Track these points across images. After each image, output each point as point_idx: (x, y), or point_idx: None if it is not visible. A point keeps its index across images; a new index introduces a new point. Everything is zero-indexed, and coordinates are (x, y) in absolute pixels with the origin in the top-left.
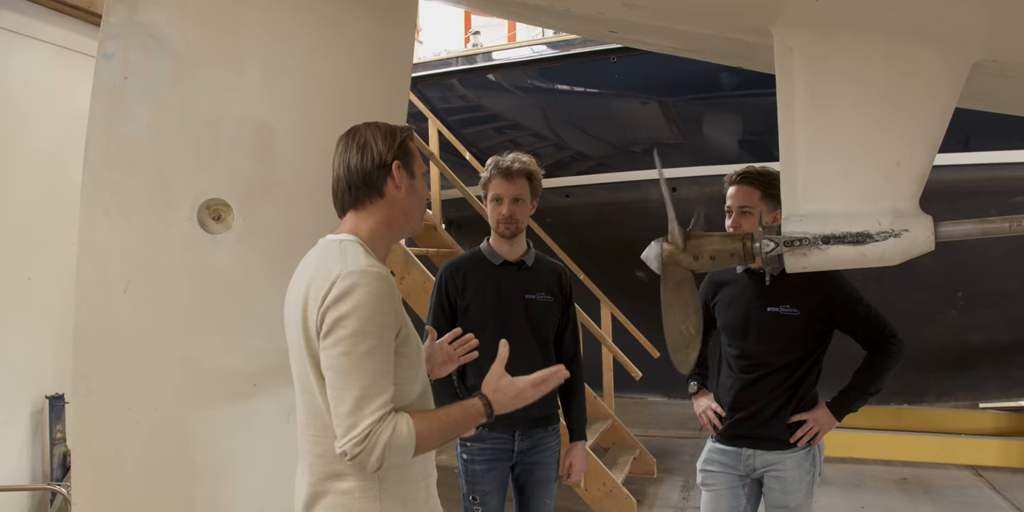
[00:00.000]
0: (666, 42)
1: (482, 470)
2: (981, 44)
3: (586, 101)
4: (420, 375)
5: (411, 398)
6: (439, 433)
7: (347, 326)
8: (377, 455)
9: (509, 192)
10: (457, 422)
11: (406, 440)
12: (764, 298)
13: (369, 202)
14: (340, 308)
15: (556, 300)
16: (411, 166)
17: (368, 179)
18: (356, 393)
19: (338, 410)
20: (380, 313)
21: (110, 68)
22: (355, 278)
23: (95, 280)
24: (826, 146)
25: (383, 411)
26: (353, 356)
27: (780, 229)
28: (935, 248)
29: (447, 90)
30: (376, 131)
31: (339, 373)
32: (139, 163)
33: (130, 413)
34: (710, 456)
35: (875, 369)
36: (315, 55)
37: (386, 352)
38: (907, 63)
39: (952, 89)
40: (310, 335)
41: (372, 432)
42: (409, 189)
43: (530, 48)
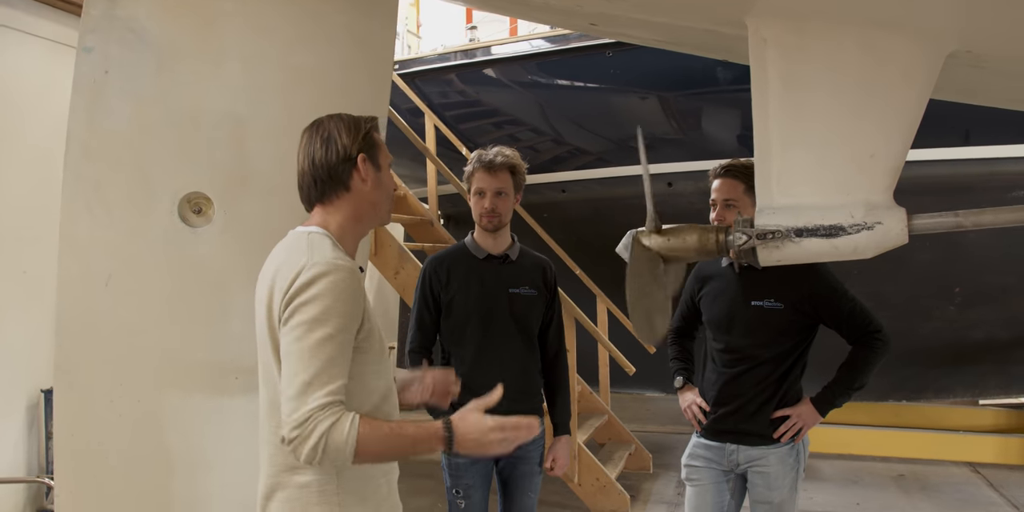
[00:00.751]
0: (646, 34)
1: (465, 464)
2: (955, 34)
3: (582, 96)
4: (384, 372)
5: (375, 396)
6: (384, 443)
7: (306, 312)
8: (312, 444)
9: (492, 185)
10: (409, 438)
11: (345, 436)
12: (748, 292)
13: (336, 196)
14: (302, 296)
15: (540, 294)
16: (377, 158)
17: (333, 173)
18: (304, 377)
19: (285, 394)
20: (341, 303)
21: (90, 62)
22: (320, 268)
23: (77, 274)
24: (800, 138)
25: (329, 399)
26: (307, 341)
27: (753, 222)
28: (931, 243)
29: (444, 85)
30: (340, 123)
31: (291, 357)
32: (120, 157)
33: (112, 406)
34: (694, 451)
35: (859, 364)
36: (295, 48)
37: (343, 343)
38: (880, 54)
39: (926, 80)
40: (273, 324)
41: (311, 418)
42: (376, 181)
43: (528, 43)
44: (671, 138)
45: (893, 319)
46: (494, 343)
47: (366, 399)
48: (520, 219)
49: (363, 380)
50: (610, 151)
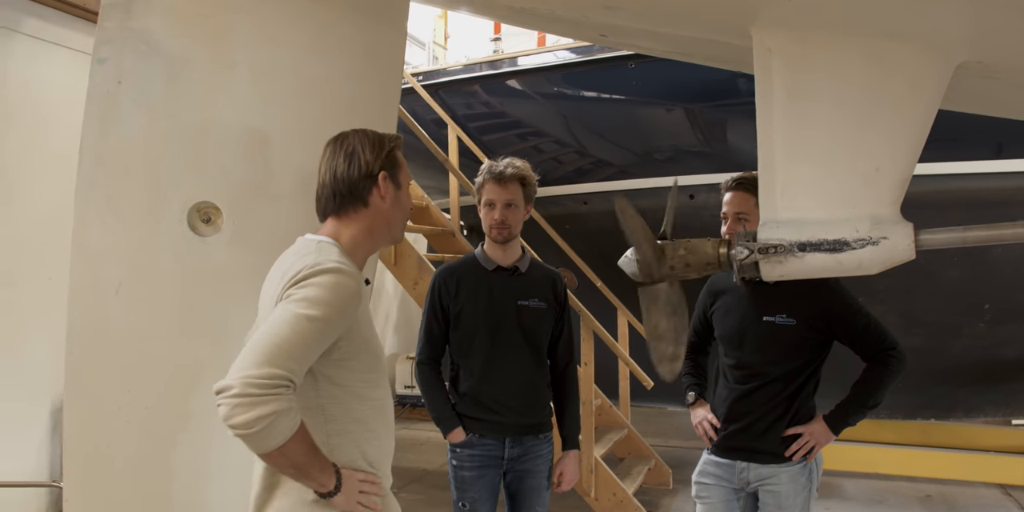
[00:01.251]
0: (655, 45)
1: (471, 477)
2: (964, 45)
3: (604, 107)
4: (379, 383)
5: (366, 405)
6: (302, 454)
7: (301, 293)
8: (259, 414)
9: (502, 197)
10: (315, 460)
11: (288, 427)
12: (760, 307)
13: (353, 210)
14: (303, 283)
15: (550, 307)
16: (397, 177)
17: (354, 188)
18: (277, 341)
19: (251, 347)
20: (338, 298)
21: (104, 73)
22: (327, 266)
23: (88, 282)
24: (804, 150)
25: (292, 379)
26: (291, 313)
27: (756, 235)
28: (959, 259)
29: (467, 96)
30: (364, 139)
31: (272, 320)
32: (132, 166)
33: (120, 413)
34: (705, 468)
35: (874, 382)
36: (305, 59)
37: (323, 333)
38: (888, 65)
39: (935, 92)
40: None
41: (276, 388)
42: (394, 200)
43: (551, 54)
44: (694, 150)
45: (922, 337)
46: (502, 355)
47: (357, 406)
48: (542, 231)
49: (353, 389)
50: (632, 163)
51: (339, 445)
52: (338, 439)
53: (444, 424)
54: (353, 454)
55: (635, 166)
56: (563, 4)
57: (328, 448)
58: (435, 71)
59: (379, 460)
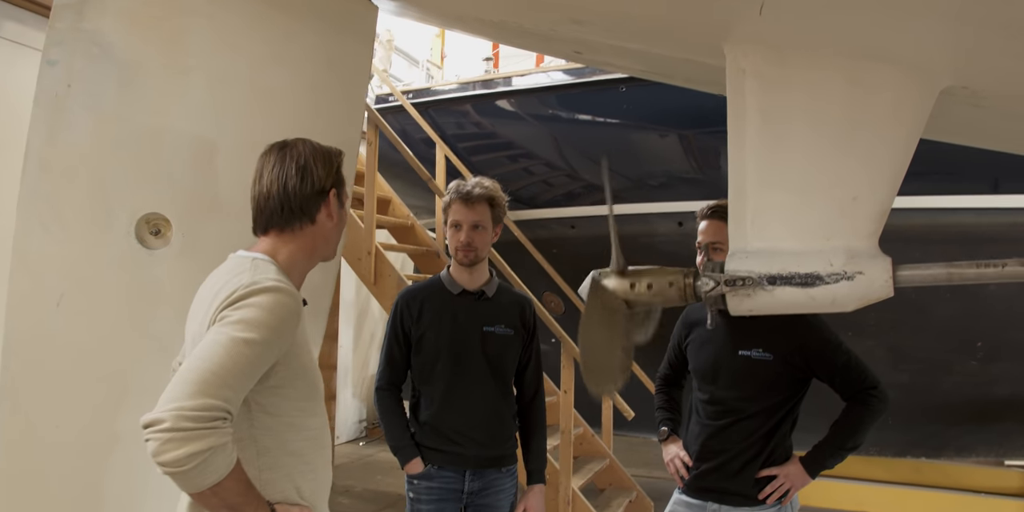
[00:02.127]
0: (630, 64)
1: (429, 510)
2: (948, 69)
3: (594, 130)
4: (317, 411)
5: (303, 435)
6: (238, 493)
7: (236, 316)
8: (194, 450)
9: (468, 218)
10: (251, 499)
11: (224, 465)
12: (735, 340)
13: (299, 227)
14: (238, 304)
15: (517, 333)
16: (343, 195)
17: (304, 204)
18: (211, 368)
19: (182, 375)
20: (275, 319)
21: (54, 75)
22: (264, 285)
23: (28, 292)
24: (778, 176)
25: (228, 409)
26: (226, 337)
27: (724, 266)
28: (951, 295)
29: (456, 116)
30: (315, 152)
31: (204, 345)
32: (78, 174)
33: (59, 431)
34: (675, 508)
35: (854, 423)
36: (264, 67)
37: (261, 357)
38: (868, 88)
39: (917, 118)
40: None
41: (213, 422)
42: (338, 218)
43: (544, 75)
44: (683, 176)
45: (912, 373)
46: (464, 383)
47: (292, 437)
48: (528, 254)
49: (288, 419)
50: (622, 188)
51: (272, 480)
52: (271, 473)
53: (402, 454)
54: (287, 490)
55: (625, 191)
56: (531, 18)
57: (260, 483)
58: (425, 89)
59: (315, 495)
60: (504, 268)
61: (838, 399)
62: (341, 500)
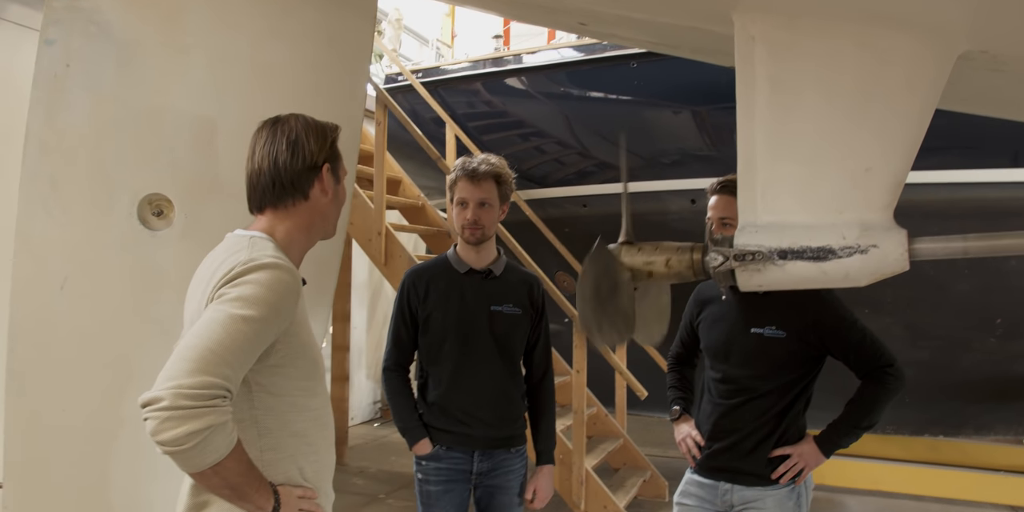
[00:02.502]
0: (636, 35)
1: (437, 491)
2: (967, 32)
3: (605, 107)
4: (318, 391)
5: (304, 415)
6: (239, 472)
7: (234, 292)
8: (193, 428)
9: (475, 196)
10: (252, 480)
11: (224, 444)
12: (748, 318)
13: (292, 203)
14: (235, 280)
15: (525, 312)
16: (338, 170)
17: (296, 180)
18: (209, 345)
19: (180, 353)
20: (274, 295)
21: (52, 55)
22: (262, 262)
23: (31, 275)
24: (789, 147)
25: (227, 387)
26: (224, 313)
27: (733, 241)
28: (970, 270)
29: (467, 95)
30: (308, 127)
31: (202, 323)
32: (79, 155)
33: (65, 414)
34: (686, 488)
35: (868, 402)
36: (264, 44)
37: (259, 334)
38: (881, 54)
39: (933, 85)
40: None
41: (212, 400)
42: (334, 194)
43: (555, 52)
44: (696, 153)
45: (930, 350)
46: (472, 363)
47: (294, 417)
48: (540, 234)
49: (290, 398)
50: (634, 166)
51: (274, 461)
52: (273, 454)
53: (409, 435)
54: (290, 470)
55: (638, 169)
56: None
57: (262, 464)
58: (434, 68)
59: (318, 476)
60: (515, 247)
61: (854, 377)
62: (355, 481)
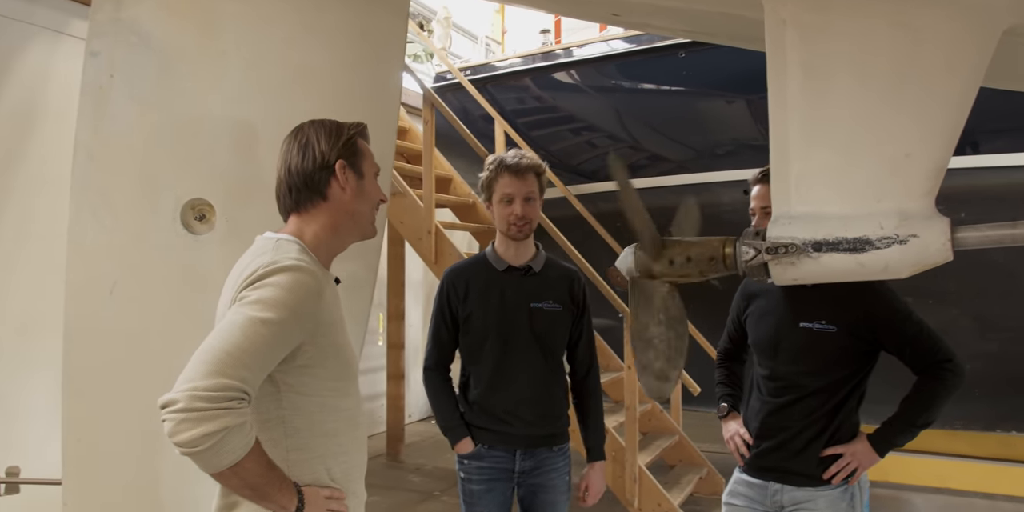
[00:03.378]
0: (670, 24)
1: (480, 490)
2: (1010, 6)
3: (654, 99)
4: (350, 391)
5: (336, 415)
6: (257, 473)
7: (254, 295)
8: (209, 430)
9: (521, 190)
10: (273, 480)
11: (241, 445)
12: (796, 312)
13: (312, 205)
14: (257, 283)
15: (566, 309)
16: (359, 165)
17: (310, 180)
18: (227, 348)
19: (198, 356)
20: (294, 298)
21: (96, 66)
22: (283, 264)
23: (83, 281)
24: (823, 134)
25: (245, 389)
26: (243, 316)
27: (765, 234)
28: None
29: (515, 91)
30: (320, 129)
31: (221, 326)
32: (125, 162)
33: (117, 414)
34: (735, 488)
35: (925, 398)
36: (298, 47)
37: (279, 336)
38: (918, 33)
39: (975, 64)
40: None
41: (228, 402)
42: (356, 190)
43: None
44: (748, 143)
45: (1000, 342)
46: (513, 362)
47: (323, 417)
48: (591, 229)
49: (320, 398)
50: (683, 157)
51: (300, 461)
52: (299, 454)
53: (451, 434)
54: (317, 470)
55: (690, 161)
56: None
57: (287, 464)
58: (483, 65)
59: (347, 476)
60: (564, 243)
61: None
62: (412, 478)
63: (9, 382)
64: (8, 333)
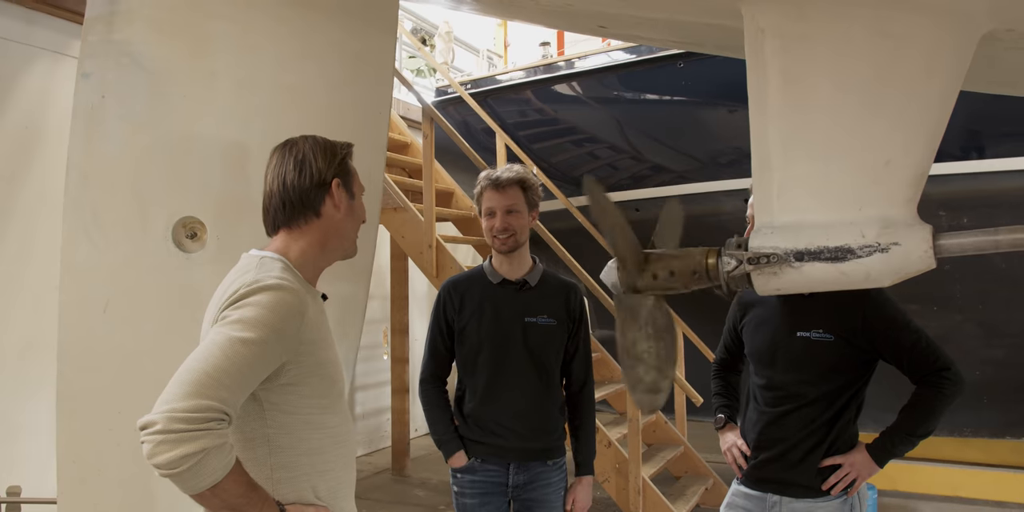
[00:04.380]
0: (657, 35)
1: (473, 504)
2: (988, 11)
3: (654, 109)
4: (336, 409)
5: (323, 433)
6: (238, 494)
7: (235, 315)
8: (186, 452)
9: (502, 203)
10: (255, 501)
11: (220, 466)
12: (793, 321)
13: (304, 222)
14: (238, 303)
15: (561, 323)
16: (351, 185)
17: (305, 197)
18: (206, 369)
19: (177, 378)
20: (275, 317)
21: (88, 87)
22: (264, 283)
23: (76, 300)
24: (803, 142)
25: (224, 410)
26: (223, 337)
27: (748, 244)
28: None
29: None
30: (316, 146)
31: (200, 347)
32: (117, 182)
33: (111, 434)
34: (733, 500)
35: (924, 408)
36: (288, 67)
37: (260, 356)
38: (897, 40)
39: (955, 70)
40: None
41: (206, 423)
42: (348, 210)
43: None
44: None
45: (1006, 348)
46: (506, 375)
47: (308, 435)
48: (592, 240)
49: (304, 416)
50: (686, 167)
51: (285, 479)
52: (284, 472)
53: (445, 447)
54: (302, 489)
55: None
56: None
57: (272, 483)
58: (484, 79)
59: (333, 494)
60: (564, 255)
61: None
62: (417, 492)
63: (11, 401)
64: (10, 352)
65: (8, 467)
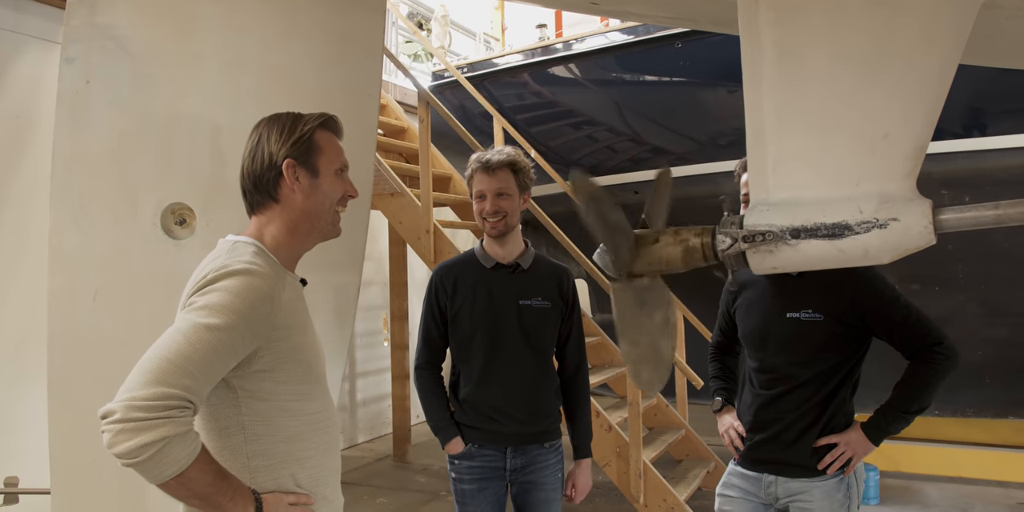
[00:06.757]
0: (650, 10)
1: (472, 490)
2: None
3: (652, 90)
4: (316, 395)
5: (301, 419)
6: (206, 482)
7: (201, 301)
8: (147, 440)
9: (491, 186)
10: (225, 489)
11: (184, 454)
12: (783, 302)
13: (266, 207)
14: (205, 289)
15: (555, 306)
16: (314, 163)
17: (259, 183)
18: (168, 356)
19: (139, 366)
20: (243, 303)
21: (72, 72)
22: (232, 269)
23: (65, 288)
24: (799, 116)
25: (187, 398)
26: (187, 323)
27: (743, 221)
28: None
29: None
30: (273, 127)
31: (164, 334)
32: (103, 168)
33: None
34: (729, 480)
35: (917, 384)
36: (275, 47)
37: (227, 343)
38: (894, 9)
39: (954, 40)
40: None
41: (166, 411)
42: (309, 190)
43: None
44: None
45: (1009, 327)
46: (502, 359)
47: (285, 422)
48: None
49: (280, 402)
50: (685, 148)
51: (262, 467)
52: (261, 461)
53: (441, 434)
54: (281, 477)
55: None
56: None
57: (249, 472)
58: (480, 62)
59: (315, 482)
60: (564, 240)
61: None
62: (418, 478)
63: (8, 393)
64: (7, 344)
65: (6, 458)
